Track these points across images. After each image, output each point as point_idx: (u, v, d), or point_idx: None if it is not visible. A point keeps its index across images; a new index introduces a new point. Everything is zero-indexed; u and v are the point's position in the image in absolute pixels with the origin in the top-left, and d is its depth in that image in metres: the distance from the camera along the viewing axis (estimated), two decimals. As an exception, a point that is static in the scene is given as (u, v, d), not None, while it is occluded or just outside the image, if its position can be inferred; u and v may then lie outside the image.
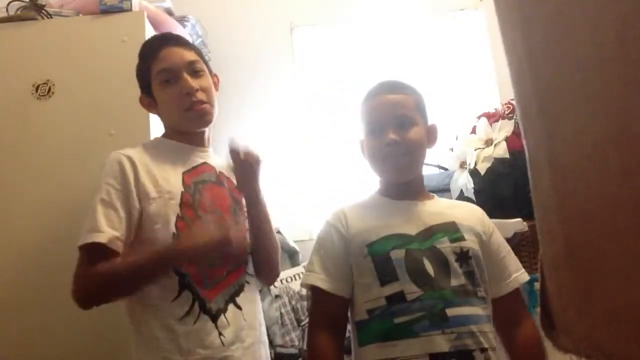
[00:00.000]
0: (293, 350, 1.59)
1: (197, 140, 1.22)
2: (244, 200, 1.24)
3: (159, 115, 1.23)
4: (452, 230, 1.08)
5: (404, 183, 1.14)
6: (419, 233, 1.06)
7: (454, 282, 1.02)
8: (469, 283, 1.03)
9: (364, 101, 1.17)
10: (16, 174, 1.44)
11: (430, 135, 1.17)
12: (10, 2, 1.56)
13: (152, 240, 1.07)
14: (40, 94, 1.49)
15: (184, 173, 1.16)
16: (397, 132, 1.09)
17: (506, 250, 1.14)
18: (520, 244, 1.60)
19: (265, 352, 1.20)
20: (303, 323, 1.66)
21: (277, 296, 1.69)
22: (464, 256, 1.05)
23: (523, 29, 0.43)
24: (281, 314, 1.66)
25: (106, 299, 1.05)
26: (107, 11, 1.55)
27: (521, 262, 1.58)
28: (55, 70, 1.51)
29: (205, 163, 1.21)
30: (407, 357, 0.97)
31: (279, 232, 1.84)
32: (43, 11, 1.58)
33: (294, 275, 1.75)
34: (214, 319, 1.08)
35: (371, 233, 1.07)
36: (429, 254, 1.04)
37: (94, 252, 1.03)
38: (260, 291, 1.70)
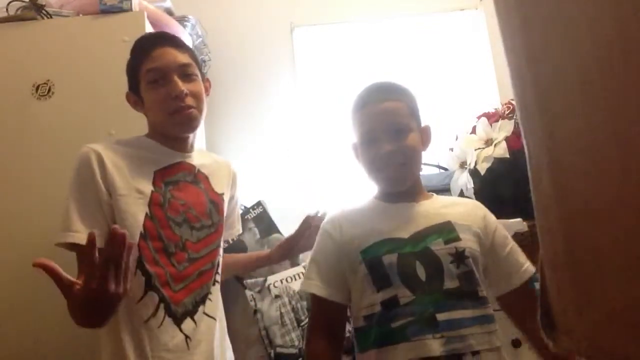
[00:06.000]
0: (293, 350, 1.59)
1: (180, 145, 1.20)
2: (222, 197, 1.24)
3: (145, 114, 1.20)
4: (447, 230, 1.06)
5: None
6: (411, 236, 1.05)
7: (447, 285, 1.00)
8: (466, 284, 1.01)
9: (355, 108, 1.14)
10: (16, 174, 1.45)
11: (424, 137, 1.14)
12: (10, 2, 1.56)
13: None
14: (40, 94, 1.49)
15: (156, 172, 1.13)
16: (392, 141, 1.07)
17: (511, 244, 1.12)
18: (520, 244, 1.60)
19: (230, 354, 1.20)
20: (303, 323, 1.66)
21: (277, 296, 1.69)
22: (459, 256, 1.03)
23: (523, 29, 0.43)
24: (281, 314, 1.66)
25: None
26: (107, 11, 1.55)
27: (521, 262, 1.59)
28: (55, 70, 1.51)
29: (182, 162, 1.19)
30: None
31: (279, 232, 1.85)
32: (43, 11, 1.58)
33: (294, 275, 1.75)
34: (180, 321, 1.07)
35: (364, 239, 1.06)
36: (422, 257, 1.02)
37: (77, 254, 1.03)
38: (259, 291, 1.71)
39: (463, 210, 1.13)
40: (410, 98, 1.15)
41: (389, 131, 1.08)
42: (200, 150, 1.27)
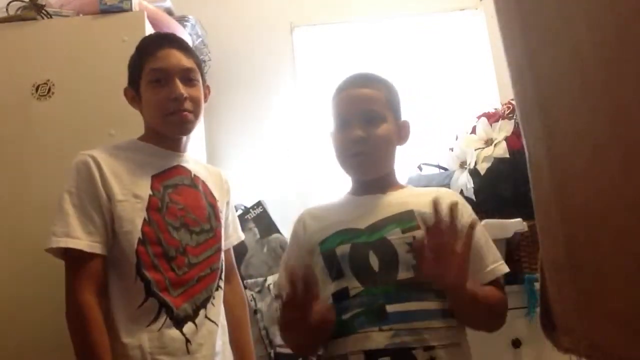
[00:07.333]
0: (293, 350, 1.59)
1: (173, 145, 1.20)
2: (218, 204, 1.23)
3: (141, 112, 1.20)
4: (406, 219, 1.02)
5: (372, 180, 1.10)
6: (368, 226, 1.03)
7: (401, 276, 0.97)
8: (422, 275, 0.95)
9: (334, 94, 1.13)
10: (16, 174, 1.44)
11: (402, 132, 1.12)
12: (10, 2, 1.56)
13: (121, 244, 1.06)
14: (40, 94, 1.49)
15: (153, 176, 1.13)
16: (364, 128, 1.05)
17: (483, 240, 1.05)
18: (520, 244, 1.60)
19: (230, 356, 1.19)
20: (303, 323, 1.66)
21: (277, 296, 1.69)
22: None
23: (523, 29, 0.43)
24: (281, 314, 1.66)
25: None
26: (107, 11, 1.55)
27: (521, 262, 1.59)
28: (55, 70, 1.51)
29: (178, 166, 1.19)
30: (344, 353, 0.96)
31: (279, 232, 1.84)
32: (43, 11, 1.58)
33: (294, 275, 1.75)
34: (181, 325, 1.07)
35: (323, 231, 1.06)
36: (376, 247, 1.00)
37: (76, 260, 1.04)
38: (259, 291, 1.71)
39: (430, 199, 1.04)
40: (390, 90, 1.12)
41: (362, 118, 1.06)
42: (193, 159, 1.27)
